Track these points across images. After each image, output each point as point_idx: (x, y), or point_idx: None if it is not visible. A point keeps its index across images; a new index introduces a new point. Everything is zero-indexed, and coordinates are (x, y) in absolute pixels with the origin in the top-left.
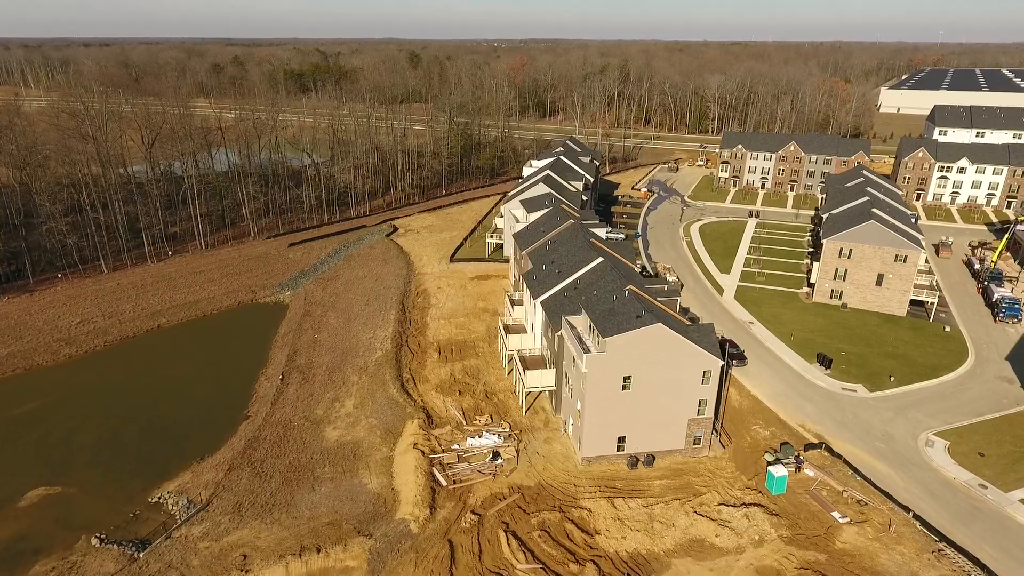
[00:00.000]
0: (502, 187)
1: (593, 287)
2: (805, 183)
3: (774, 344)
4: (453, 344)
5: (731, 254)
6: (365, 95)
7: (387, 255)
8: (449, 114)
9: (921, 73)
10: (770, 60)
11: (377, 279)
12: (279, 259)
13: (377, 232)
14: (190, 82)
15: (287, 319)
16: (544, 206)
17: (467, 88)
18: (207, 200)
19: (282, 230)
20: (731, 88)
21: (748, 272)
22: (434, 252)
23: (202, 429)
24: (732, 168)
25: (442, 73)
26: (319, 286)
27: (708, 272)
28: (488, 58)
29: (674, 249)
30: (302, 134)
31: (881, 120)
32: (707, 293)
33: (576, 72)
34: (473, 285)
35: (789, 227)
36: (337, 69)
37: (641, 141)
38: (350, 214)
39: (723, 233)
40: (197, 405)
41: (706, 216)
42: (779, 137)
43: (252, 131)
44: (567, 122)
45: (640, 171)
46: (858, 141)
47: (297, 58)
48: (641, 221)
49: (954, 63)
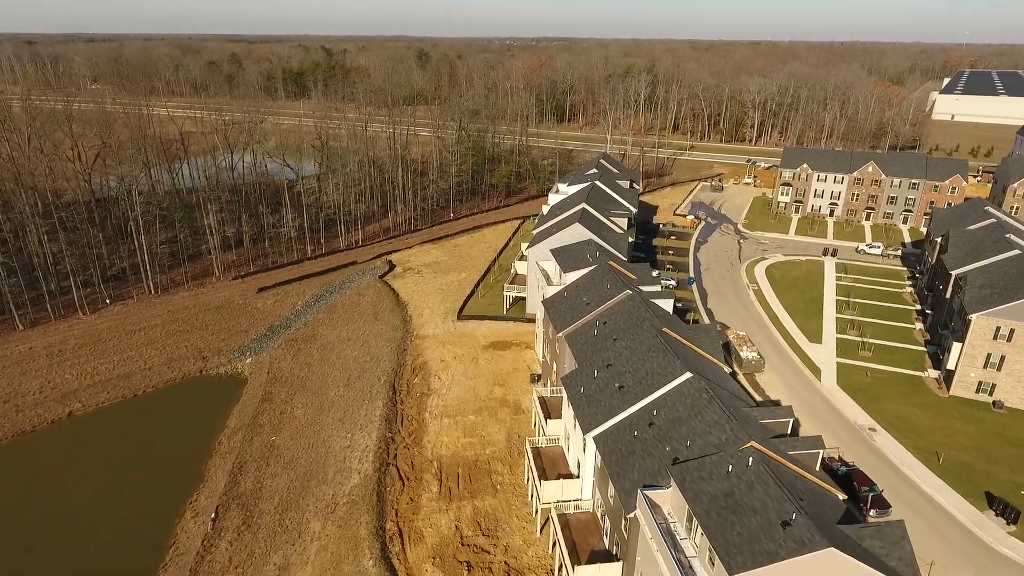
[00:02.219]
0: (519, 209)
1: (682, 426)
2: (885, 211)
3: (915, 470)
4: (460, 464)
5: (815, 311)
6: (364, 97)
7: (379, 307)
8: (459, 122)
9: (963, 75)
10: (804, 61)
11: (363, 344)
12: (244, 309)
13: (369, 271)
14: (183, 80)
15: (240, 405)
16: (585, 262)
17: (479, 90)
18: (164, 229)
19: (254, 267)
20: (772, 92)
21: (845, 341)
22: (438, 303)
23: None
24: (795, 191)
25: (452, 73)
26: (289, 351)
27: (791, 339)
28: (502, 57)
29: (740, 301)
30: (288, 142)
31: (937, 129)
32: (798, 374)
33: (598, 73)
34: (487, 357)
35: (878, 271)
36: (339, 68)
37: (674, 152)
38: (339, 244)
39: (797, 279)
40: (83, 564)
41: (770, 253)
42: (852, 155)
43: (226, 140)
44: (589, 128)
45: (678, 189)
46: (952, 162)
47: (299, 56)
48: (691, 259)
49: (992, 64)
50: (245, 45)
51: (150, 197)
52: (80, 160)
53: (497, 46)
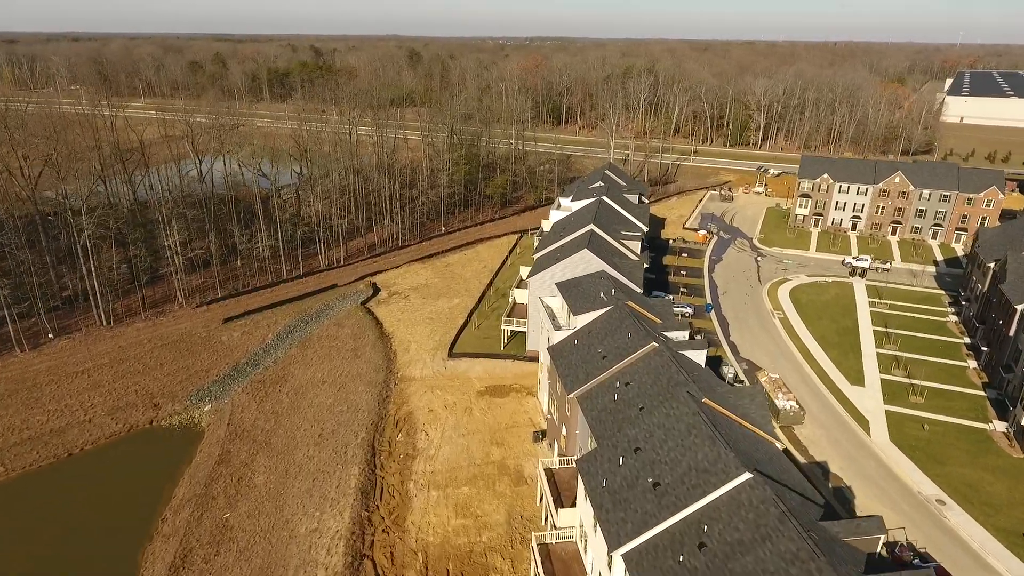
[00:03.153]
0: (516, 222)
1: (746, 555)
2: (913, 225)
3: (1005, 561)
4: (450, 556)
5: (852, 344)
6: (349, 99)
7: (360, 341)
8: (451, 128)
9: (965, 76)
10: (807, 61)
11: (340, 389)
12: (207, 344)
13: (351, 296)
14: (164, 81)
15: (193, 467)
16: (598, 301)
17: (472, 92)
18: (121, 250)
19: (222, 292)
20: (777, 94)
21: (892, 384)
22: (426, 336)
23: None
24: (814, 203)
25: (444, 74)
26: (255, 396)
27: (829, 380)
28: (495, 57)
29: (766, 332)
30: (266, 148)
31: (948, 132)
32: (843, 427)
33: (595, 74)
34: (483, 407)
35: (915, 295)
36: (325, 68)
37: (677, 157)
38: (318, 264)
39: (826, 304)
40: None
41: (791, 272)
42: (876, 164)
43: (194, 147)
44: (587, 131)
45: (685, 199)
46: (987, 172)
47: (286, 56)
48: (706, 280)
49: (989, 65)
50: (231, 44)
51: (105, 213)
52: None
53: (491, 46)
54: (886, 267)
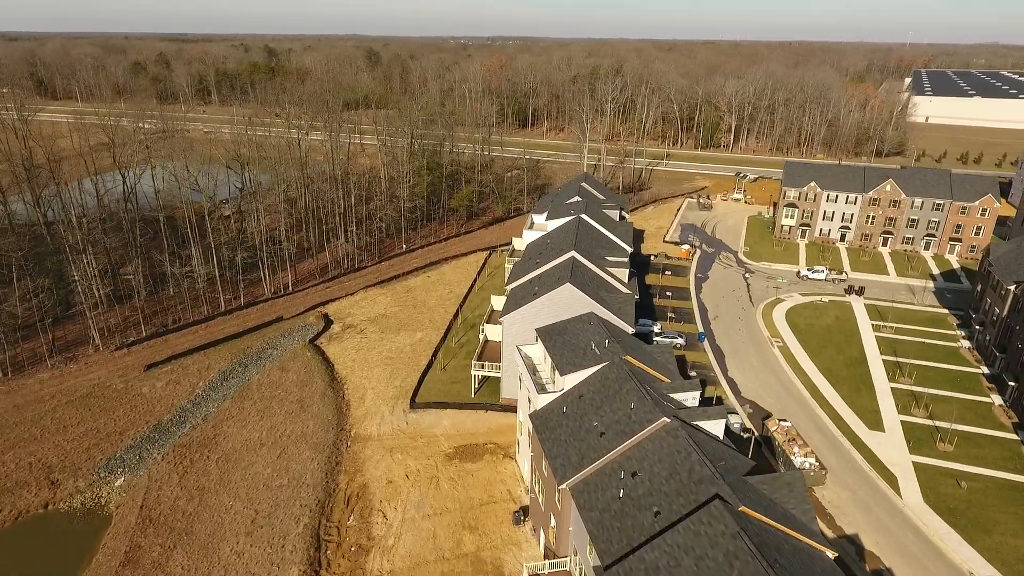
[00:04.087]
0: (484, 237)
1: None
2: (904, 235)
3: None
4: None
5: (862, 378)
6: (299, 102)
7: (307, 389)
8: (411, 136)
9: (923, 75)
10: (773, 61)
11: (281, 454)
12: (124, 398)
13: (299, 332)
14: (104, 84)
15: (91, 572)
16: (589, 355)
17: (434, 94)
18: (24, 282)
19: (147, 330)
20: (748, 95)
21: (913, 427)
22: (385, 381)
23: None
24: (801, 213)
25: (404, 75)
26: (178, 466)
27: (844, 424)
28: (457, 57)
29: (766, 366)
30: (204, 157)
31: (915, 133)
32: (869, 486)
33: (561, 75)
34: (452, 475)
35: (918, 316)
36: (278, 69)
37: (649, 161)
38: (262, 292)
39: (827, 329)
40: None
41: (783, 290)
42: (865, 171)
43: (115, 157)
44: (554, 134)
45: (662, 208)
46: (980, 179)
47: (237, 56)
48: (694, 302)
49: (942, 64)
50: (178, 44)
51: (7, 242)
52: None
53: (452, 45)
54: (841, 278)
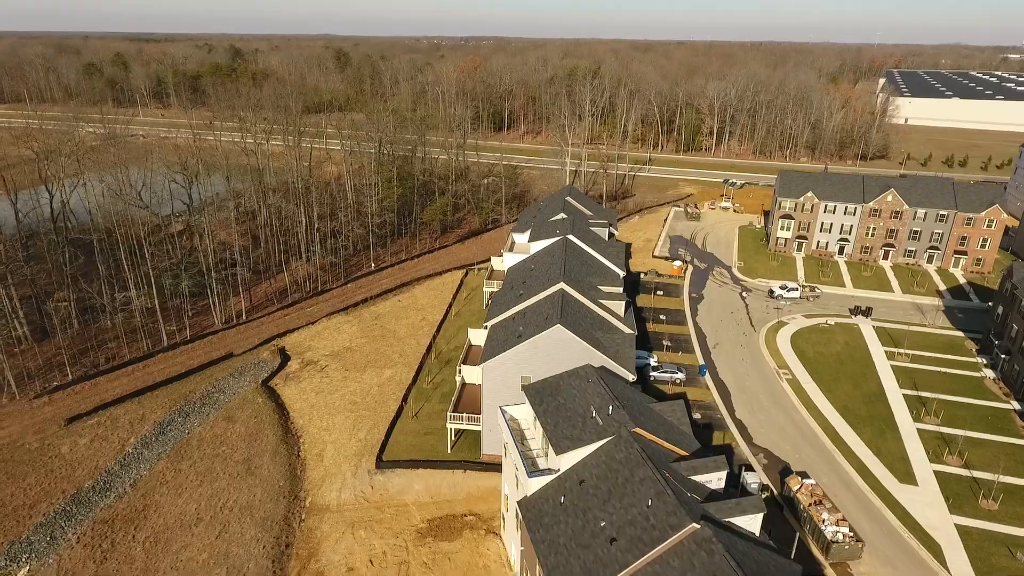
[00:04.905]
0: (459, 252)
1: None
2: (906, 248)
3: None
4: None
5: (884, 418)
6: (258, 106)
7: (256, 444)
8: (380, 144)
9: (896, 76)
10: (750, 62)
11: (221, 533)
12: (38, 460)
13: (250, 370)
14: (56, 86)
15: None
16: (589, 427)
17: (405, 96)
18: None
19: (72, 374)
20: (731, 97)
21: (949, 479)
22: (348, 432)
23: None
24: (797, 225)
25: (375, 76)
26: (95, 551)
27: (873, 478)
28: (430, 58)
29: (777, 405)
30: (150, 166)
31: (896, 134)
32: (912, 560)
33: (537, 76)
34: (426, 560)
35: (932, 341)
36: (242, 70)
37: (631, 167)
38: (211, 322)
39: (838, 358)
40: None
41: (784, 310)
42: (861, 180)
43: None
44: (531, 137)
45: (647, 218)
46: (986, 188)
47: (199, 56)
48: (691, 327)
49: (912, 64)
50: (137, 44)
51: None
52: None
53: (425, 45)
54: (815, 294)
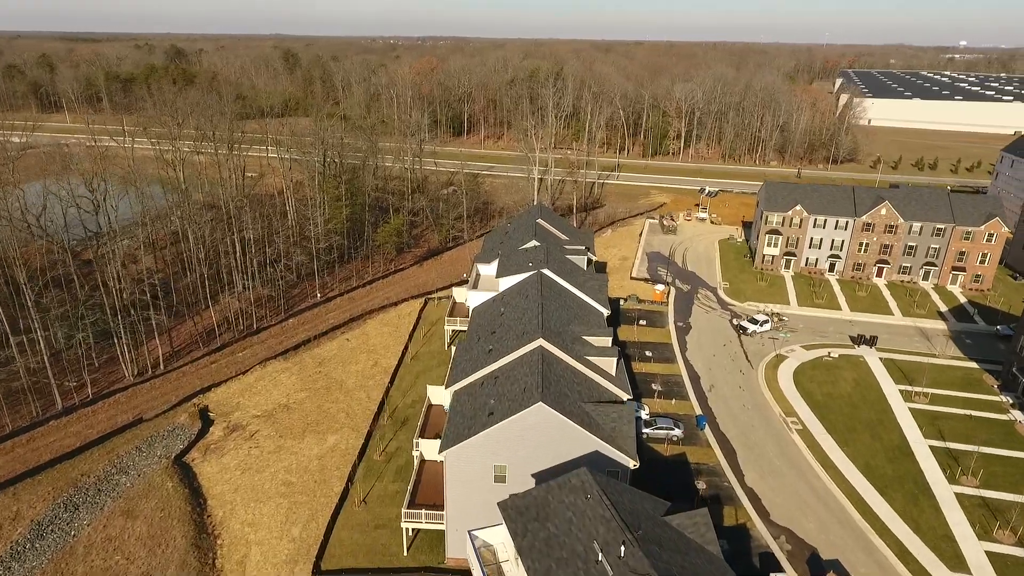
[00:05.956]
0: (417, 277)
1: None
2: (901, 265)
3: None
4: None
5: (913, 479)
6: (180, 112)
7: (160, 552)
8: (325, 155)
9: (851, 76)
10: (711, 63)
11: None
12: None
13: (163, 441)
14: None
15: None
16: (592, 570)
17: (359, 99)
18: None
19: None
20: (698, 99)
21: (1007, 563)
22: (278, 529)
23: None
24: (785, 240)
25: (326, 78)
26: None
27: (916, 564)
28: (385, 58)
29: (792, 466)
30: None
31: (861, 136)
32: None
33: (498, 77)
34: None
35: (946, 375)
36: (180, 72)
37: (599, 173)
38: (121, 374)
39: (848, 400)
40: None
41: (780, 340)
42: (852, 191)
43: None
44: (493, 141)
45: (621, 232)
46: (983, 199)
47: (136, 57)
48: (681, 365)
49: (865, 64)
50: (67, 44)
51: None
52: None
53: (381, 46)
54: (785, 322)
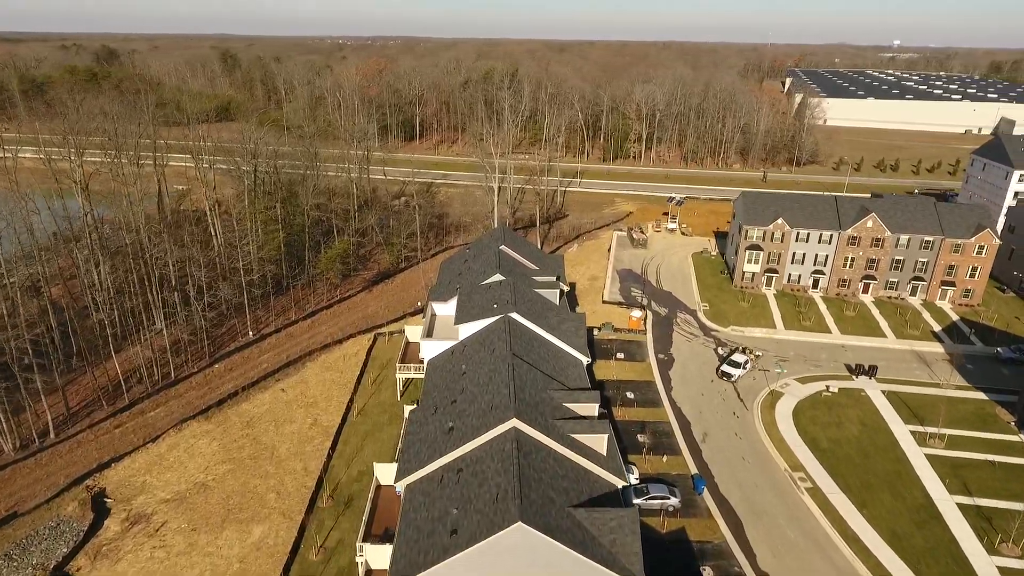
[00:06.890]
0: (363, 306)
1: None
2: (888, 279)
3: None
4: None
5: (946, 548)
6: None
7: None
8: (255, 169)
9: (800, 75)
10: (667, 64)
11: None
12: None
13: (42, 543)
14: None
15: None
16: None
17: (301, 103)
18: None
19: None
20: (658, 101)
21: None
22: None
23: None
24: (766, 256)
25: (267, 80)
26: None
27: None
28: (331, 59)
29: (807, 537)
30: None
31: (820, 136)
32: None
33: (451, 79)
34: None
35: (956, 410)
36: (103, 74)
37: (561, 180)
38: (0, 449)
39: (856, 444)
40: None
41: (772, 374)
42: (835, 201)
43: None
44: (447, 146)
45: (588, 247)
46: (972, 209)
47: (59, 58)
48: (669, 410)
49: (810, 63)
50: None
51: None
52: None
53: (327, 46)
54: (756, 354)
